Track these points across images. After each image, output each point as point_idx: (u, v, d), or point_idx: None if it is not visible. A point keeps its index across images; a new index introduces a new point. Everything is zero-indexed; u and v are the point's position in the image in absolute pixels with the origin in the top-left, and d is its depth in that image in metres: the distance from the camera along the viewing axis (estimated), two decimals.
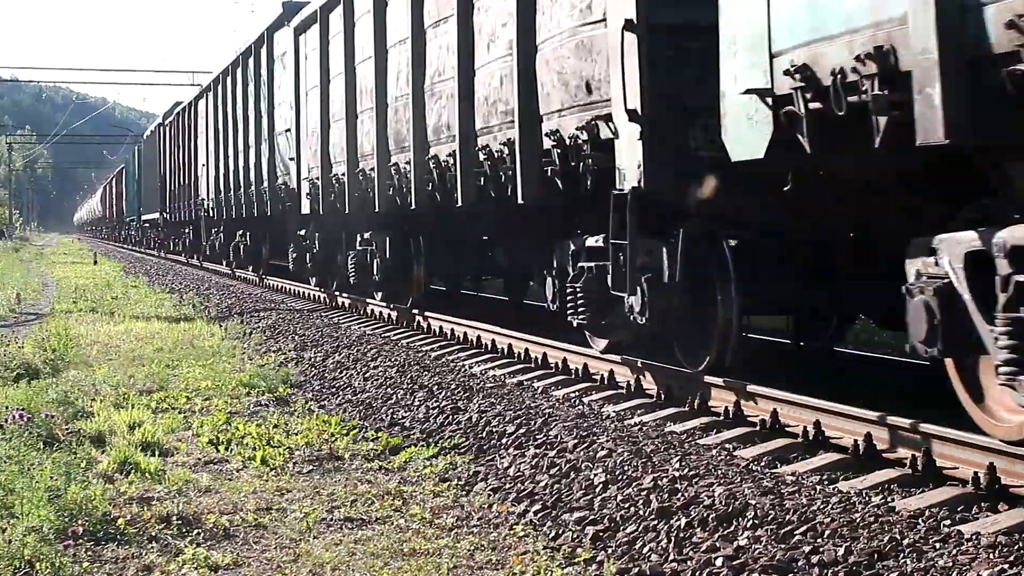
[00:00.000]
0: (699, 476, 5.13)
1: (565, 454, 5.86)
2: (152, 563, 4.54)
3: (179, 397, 8.48)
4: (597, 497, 5.14)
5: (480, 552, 4.66)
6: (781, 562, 4.05)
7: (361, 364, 9.87)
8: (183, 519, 5.07)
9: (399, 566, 4.50)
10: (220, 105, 23.91)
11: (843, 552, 4.03)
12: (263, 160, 19.27)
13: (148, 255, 42.57)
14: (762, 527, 4.41)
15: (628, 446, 5.78)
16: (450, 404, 7.53)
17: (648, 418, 6.88)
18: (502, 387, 8.11)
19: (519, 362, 9.44)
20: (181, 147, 31.01)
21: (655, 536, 4.57)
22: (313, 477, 6.07)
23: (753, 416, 6.42)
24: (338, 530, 5.04)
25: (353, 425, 7.38)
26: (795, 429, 6.07)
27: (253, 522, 5.13)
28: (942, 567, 3.86)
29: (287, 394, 8.74)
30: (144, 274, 27.81)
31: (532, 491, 5.43)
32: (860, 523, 4.32)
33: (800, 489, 4.89)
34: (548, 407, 7.09)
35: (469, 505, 5.41)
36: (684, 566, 4.22)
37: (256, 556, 4.68)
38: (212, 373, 9.59)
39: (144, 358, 10.68)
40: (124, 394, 8.41)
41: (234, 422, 7.40)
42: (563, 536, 4.79)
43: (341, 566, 4.52)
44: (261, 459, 6.35)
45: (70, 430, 6.91)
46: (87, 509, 5.04)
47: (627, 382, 7.76)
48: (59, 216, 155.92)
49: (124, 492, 5.55)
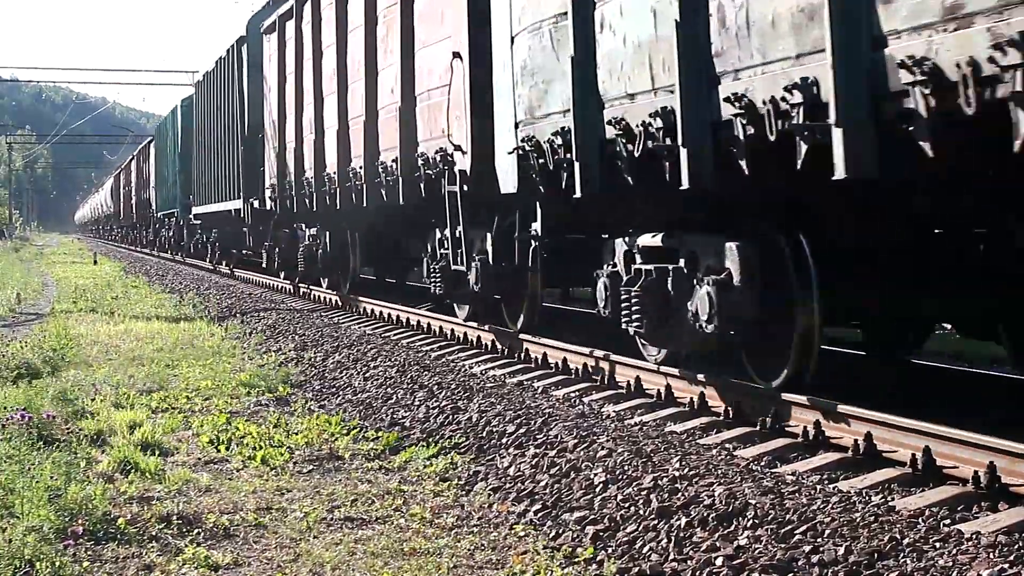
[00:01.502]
0: (699, 476, 5.13)
1: (565, 454, 5.86)
2: (152, 563, 4.54)
3: (179, 397, 8.48)
4: (597, 497, 5.14)
5: (480, 552, 4.66)
6: (781, 561, 4.05)
7: (361, 364, 9.88)
8: (183, 519, 5.07)
9: (399, 566, 4.50)
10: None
11: (843, 552, 4.03)
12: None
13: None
14: (762, 527, 4.41)
15: (628, 446, 5.78)
16: (450, 404, 7.53)
17: (648, 418, 6.88)
18: (502, 387, 8.11)
19: (519, 362, 9.45)
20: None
21: (655, 536, 4.57)
22: (313, 477, 6.07)
23: (754, 416, 6.41)
24: (338, 530, 5.04)
25: (353, 425, 7.39)
26: (795, 429, 6.07)
27: (253, 522, 5.13)
28: (942, 567, 3.86)
29: (287, 394, 8.74)
30: (144, 274, 27.81)
31: (532, 491, 5.43)
32: (860, 522, 4.32)
33: (800, 488, 4.88)
34: (548, 407, 7.09)
35: (469, 505, 5.41)
36: (684, 566, 4.22)
37: (256, 556, 4.68)
38: (212, 373, 9.59)
39: (144, 358, 10.68)
40: (124, 394, 8.41)
41: (234, 422, 7.40)
42: (563, 536, 4.79)
43: (341, 566, 4.52)
44: (261, 459, 6.35)
45: (70, 430, 6.91)
46: (87, 509, 5.03)
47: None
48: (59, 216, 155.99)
49: (124, 492, 5.55)
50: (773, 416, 6.24)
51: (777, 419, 6.23)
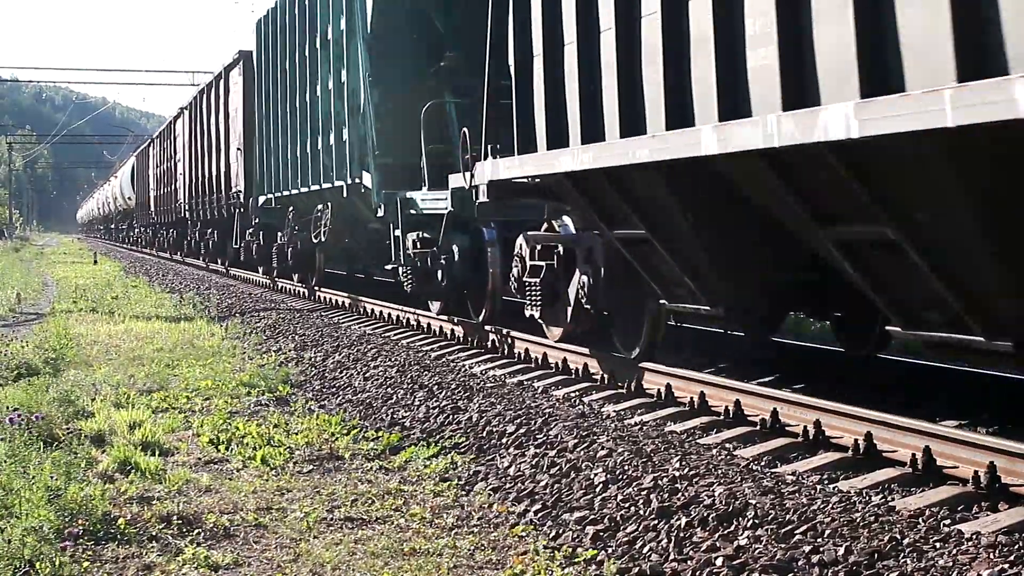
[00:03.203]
0: (699, 476, 5.13)
1: (565, 454, 5.86)
2: (152, 563, 4.54)
3: (179, 397, 8.48)
4: (597, 497, 5.14)
5: (480, 552, 4.66)
6: (781, 561, 4.05)
7: (361, 364, 9.88)
8: (183, 519, 5.07)
9: (399, 566, 4.50)
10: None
11: (843, 552, 4.03)
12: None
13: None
14: (762, 526, 4.41)
15: (628, 446, 5.78)
16: (450, 404, 7.53)
17: (648, 417, 6.88)
18: (502, 387, 8.11)
19: (519, 362, 9.46)
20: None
21: (655, 536, 4.57)
22: (313, 477, 6.07)
23: (753, 416, 6.42)
24: (338, 530, 5.04)
25: (353, 425, 7.38)
26: (795, 429, 6.07)
27: (253, 522, 5.13)
28: (942, 567, 3.86)
29: (287, 394, 8.74)
30: (144, 274, 27.81)
31: (532, 491, 5.43)
32: (860, 522, 4.32)
33: (800, 488, 4.89)
34: (548, 407, 7.09)
35: (469, 505, 5.41)
36: (684, 566, 4.21)
37: (256, 556, 4.68)
38: (212, 373, 9.59)
39: (144, 358, 10.68)
40: (124, 394, 8.41)
41: (234, 422, 7.40)
42: (563, 536, 4.78)
43: (341, 566, 4.52)
44: (261, 459, 6.35)
45: (70, 430, 6.91)
46: (87, 509, 5.03)
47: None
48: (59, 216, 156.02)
49: (124, 492, 5.55)
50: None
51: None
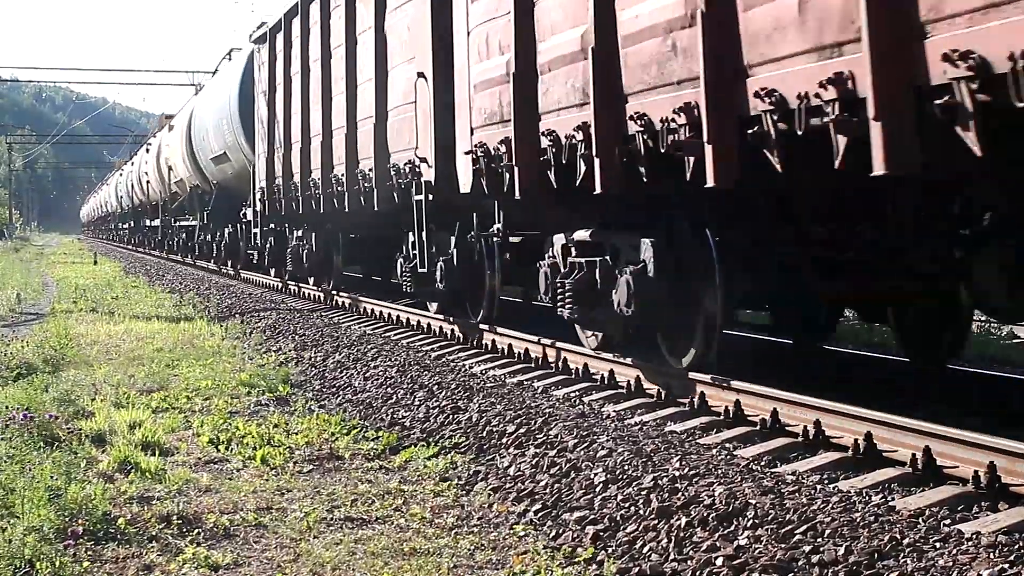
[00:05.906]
0: (699, 475, 5.13)
1: (565, 453, 5.86)
2: (152, 563, 4.54)
3: (179, 397, 8.48)
4: (597, 496, 5.14)
5: (480, 552, 4.66)
6: (781, 561, 4.05)
7: (361, 364, 9.87)
8: (183, 519, 5.07)
9: (399, 566, 4.50)
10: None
11: (843, 552, 4.03)
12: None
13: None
14: (762, 526, 4.41)
15: (628, 445, 5.78)
16: (450, 404, 7.53)
17: (648, 417, 6.88)
18: (502, 387, 8.11)
19: (519, 362, 9.45)
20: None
21: (655, 536, 4.57)
22: (313, 477, 6.07)
23: (753, 416, 6.41)
24: (338, 530, 5.04)
25: (353, 425, 7.38)
26: (795, 428, 6.07)
27: (253, 522, 5.13)
28: (942, 567, 3.85)
29: (287, 394, 8.74)
30: (144, 274, 27.80)
31: (532, 491, 5.43)
32: (860, 522, 4.31)
33: (800, 488, 4.88)
34: (548, 407, 7.08)
35: (469, 505, 5.41)
36: (684, 566, 4.21)
37: (256, 555, 4.68)
38: (212, 373, 9.59)
39: (144, 358, 10.68)
40: (124, 394, 8.42)
41: (234, 422, 7.41)
42: (563, 536, 4.78)
43: (341, 566, 4.52)
44: (261, 459, 6.35)
45: (70, 429, 6.91)
46: (87, 509, 5.03)
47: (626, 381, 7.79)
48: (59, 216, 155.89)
49: (124, 492, 5.55)
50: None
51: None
